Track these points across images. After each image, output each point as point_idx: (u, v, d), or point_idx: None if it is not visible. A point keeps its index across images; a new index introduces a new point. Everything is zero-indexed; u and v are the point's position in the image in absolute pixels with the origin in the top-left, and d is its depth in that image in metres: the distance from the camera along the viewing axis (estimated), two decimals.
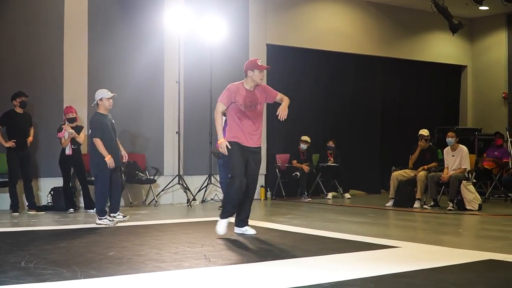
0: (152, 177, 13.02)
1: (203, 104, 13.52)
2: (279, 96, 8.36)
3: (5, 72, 12.04)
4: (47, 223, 9.82)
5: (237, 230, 8.12)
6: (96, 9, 12.94)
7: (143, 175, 12.86)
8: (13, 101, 11.34)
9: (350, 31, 16.60)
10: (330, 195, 14.94)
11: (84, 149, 12.08)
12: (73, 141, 11.45)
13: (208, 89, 13.37)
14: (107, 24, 13.06)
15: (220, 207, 12.02)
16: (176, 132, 13.33)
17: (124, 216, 9.66)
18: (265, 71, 8.27)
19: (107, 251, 6.70)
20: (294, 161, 14.77)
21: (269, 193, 14.70)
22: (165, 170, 13.49)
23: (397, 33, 17.41)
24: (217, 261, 6.04)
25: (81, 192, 12.01)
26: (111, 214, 9.53)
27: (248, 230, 8.10)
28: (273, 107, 15.00)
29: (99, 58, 12.84)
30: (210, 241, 7.49)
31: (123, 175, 11.89)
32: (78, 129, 11.60)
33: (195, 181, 13.65)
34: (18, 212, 11.13)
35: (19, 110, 11.40)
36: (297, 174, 14.50)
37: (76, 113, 11.70)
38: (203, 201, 13.44)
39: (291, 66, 15.70)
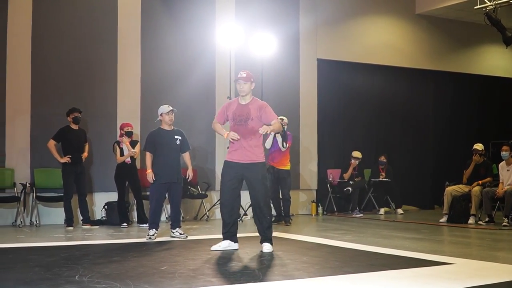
0: (203, 192, 13.08)
1: None
2: (275, 121, 8.10)
3: (60, 89, 12.25)
4: (100, 237, 9.92)
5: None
6: (149, 25, 13.12)
7: (194, 190, 12.93)
8: (68, 117, 11.55)
9: (401, 44, 16.51)
10: (382, 210, 14.83)
11: (139, 164, 12.22)
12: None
13: None
14: (159, 41, 13.22)
15: (273, 222, 12.05)
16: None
17: (181, 234, 9.54)
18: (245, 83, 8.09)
19: (159, 265, 6.74)
20: (345, 174, 14.70)
21: (320, 209, 14.64)
22: (216, 185, 13.53)
23: (449, 46, 17.25)
24: (269, 277, 6.03)
25: (135, 206, 12.14)
26: (171, 230, 9.59)
27: (265, 249, 7.90)
28: (322, 123, 15.03)
29: (151, 74, 12.99)
30: (261, 256, 7.48)
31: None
32: (134, 143, 11.78)
33: (246, 196, 13.59)
34: (72, 226, 11.28)
35: (74, 126, 11.59)
36: (348, 189, 14.42)
37: (132, 128, 11.86)
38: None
39: (342, 80, 15.66)
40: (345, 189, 14.51)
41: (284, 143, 11.91)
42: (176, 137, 9.59)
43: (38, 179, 11.90)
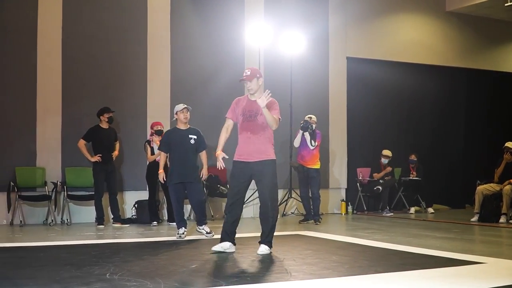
0: None
1: (283, 118, 13.28)
2: (275, 115, 7.80)
3: (90, 89, 12.34)
4: (131, 236, 9.98)
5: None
6: (178, 25, 13.17)
7: (224, 188, 12.94)
8: (100, 117, 11.63)
9: (432, 42, 16.41)
10: (412, 209, 14.75)
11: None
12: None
13: (288, 103, 13.40)
14: (189, 40, 13.27)
15: (301, 221, 12.06)
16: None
17: (208, 233, 9.45)
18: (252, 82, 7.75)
19: (189, 263, 6.76)
20: (376, 175, 14.63)
21: (350, 207, 14.59)
22: None
23: (480, 43, 17.11)
24: (298, 275, 6.02)
25: (165, 205, 12.19)
26: (197, 226, 9.55)
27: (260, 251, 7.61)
28: (352, 121, 14.97)
29: (181, 73, 13.04)
30: (291, 255, 7.48)
31: (204, 189, 12.01)
32: None
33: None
34: (103, 224, 11.36)
35: (104, 125, 11.67)
36: (378, 188, 14.36)
37: (163, 127, 11.90)
38: (283, 215, 13.44)
39: (371, 79, 15.58)
40: (375, 188, 14.45)
41: (313, 141, 11.88)
42: (190, 136, 9.44)
43: (69, 178, 12.00)
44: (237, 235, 7.63)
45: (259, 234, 7.75)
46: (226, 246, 7.59)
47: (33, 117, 11.93)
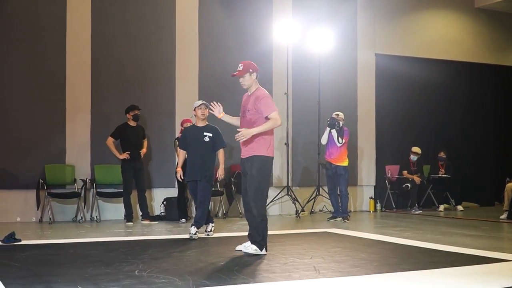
0: None
1: (311, 115, 13.53)
2: (272, 114, 7.54)
3: (119, 87, 12.40)
4: (160, 233, 10.02)
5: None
6: (206, 23, 13.19)
7: None
8: (127, 115, 11.69)
9: (460, 38, 16.28)
10: (441, 207, 14.66)
11: None
12: None
13: (316, 101, 13.37)
14: (217, 38, 13.28)
15: (329, 218, 12.04)
16: (285, 144, 13.36)
17: (191, 236, 8.86)
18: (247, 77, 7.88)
19: (217, 260, 6.78)
20: (405, 172, 14.55)
21: (378, 205, 14.53)
22: (273, 181, 13.55)
23: (509, 39, 16.97)
24: (326, 273, 6.01)
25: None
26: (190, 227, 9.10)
27: (244, 248, 7.39)
28: (380, 118, 14.90)
29: (209, 71, 13.05)
30: (319, 252, 7.47)
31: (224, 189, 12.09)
32: None
33: (303, 192, 13.66)
34: (132, 221, 11.42)
35: (132, 123, 11.73)
36: (407, 186, 14.29)
37: None
38: (311, 212, 13.42)
39: (400, 75, 15.46)
40: (404, 185, 14.39)
41: (340, 139, 11.85)
42: (205, 133, 9.18)
43: (98, 175, 12.08)
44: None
45: (287, 232, 7.78)
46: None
47: (63, 115, 12.02)
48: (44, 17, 12.02)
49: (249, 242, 7.35)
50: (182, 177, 9.30)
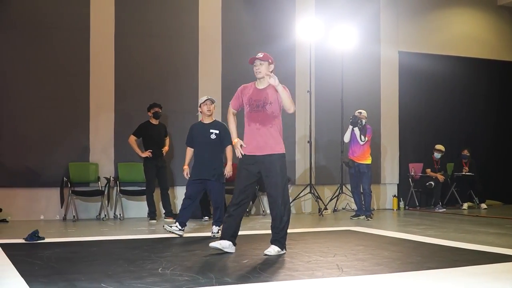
0: None
1: (334, 113, 13.50)
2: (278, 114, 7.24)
3: (142, 85, 12.45)
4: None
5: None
6: (230, 21, 13.21)
7: None
8: (148, 113, 11.73)
9: (483, 36, 16.15)
10: (465, 205, 14.58)
11: None
12: None
13: (339, 98, 13.34)
14: (240, 36, 13.29)
15: (352, 216, 12.00)
16: (308, 142, 13.34)
17: (214, 234, 8.78)
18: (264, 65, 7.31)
19: (240, 258, 6.78)
20: (428, 170, 14.49)
21: (402, 203, 14.47)
22: (296, 180, 13.54)
23: None
24: (350, 271, 5.99)
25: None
26: (212, 225, 8.99)
27: (267, 250, 7.14)
28: (404, 116, 14.82)
29: (232, 69, 13.05)
30: (342, 250, 7.45)
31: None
32: None
33: (326, 190, 13.64)
34: (155, 219, 11.45)
35: (154, 121, 11.76)
36: (431, 184, 14.22)
37: None
38: (334, 210, 13.39)
39: (423, 73, 15.39)
40: (427, 184, 14.32)
41: (362, 137, 11.81)
42: (211, 130, 8.91)
43: (122, 173, 12.13)
44: (289, 230, 7.53)
45: (309, 230, 7.75)
46: (225, 244, 7.12)
47: (86, 113, 12.09)
48: (68, 17, 12.10)
49: (272, 246, 7.15)
50: (189, 175, 9.01)
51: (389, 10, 14.87)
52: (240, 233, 8.93)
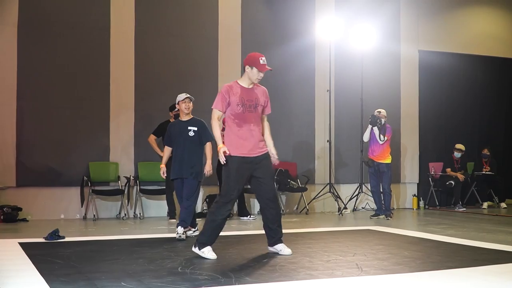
0: (303, 186, 13.08)
1: (354, 112, 13.48)
2: (265, 118, 7.23)
3: (162, 84, 12.48)
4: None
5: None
6: (249, 20, 13.22)
7: (294, 183, 12.93)
8: (170, 113, 11.74)
9: (505, 35, 16.06)
10: (485, 204, 14.51)
11: None
12: None
13: (359, 98, 13.31)
14: (259, 35, 13.30)
15: (372, 216, 11.96)
16: (327, 141, 13.33)
17: (179, 236, 8.46)
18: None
19: (260, 258, 6.79)
20: (448, 169, 14.42)
21: (422, 202, 14.41)
22: (316, 179, 13.53)
23: None
24: (369, 271, 5.98)
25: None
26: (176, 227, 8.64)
27: (283, 250, 7.07)
28: (424, 115, 14.75)
29: None
30: (362, 250, 7.43)
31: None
32: None
33: (346, 190, 13.62)
34: (175, 218, 11.46)
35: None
36: (451, 183, 14.15)
37: None
38: (354, 209, 13.38)
39: (444, 72, 15.31)
40: (447, 183, 14.26)
41: (381, 136, 11.78)
42: (190, 127, 8.70)
43: (142, 172, 12.17)
44: (309, 229, 7.53)
45: (329, 229, 7.73)
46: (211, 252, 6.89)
47: (107, 112, 12.14)
48: (88, 16, 12.15)
49: (282, 245, 7.11)
50: (165, 174, 8.87)
51: (409, 8, 14.82)
52: (259, 232, 8.97)
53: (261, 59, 7.10)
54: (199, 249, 6.84)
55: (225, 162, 6.78)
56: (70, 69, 11.99)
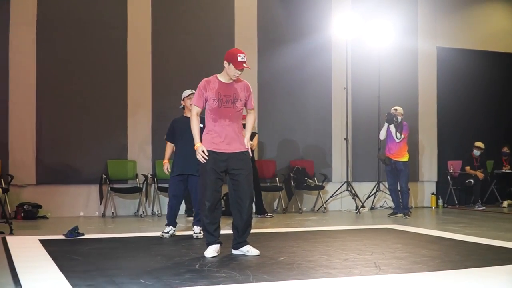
0: (320, 184, 13.07)
1: (371, 110, 13.43)
2: (251, 112, 7.16)
3: (179, 83, 12.45)
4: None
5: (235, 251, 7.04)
6: (265, 19, 13.21)
7: (311, 181, 12.92)
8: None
9: None
10: (505, 203, 14.42)
11: (257, 155, 12.33)
12: None
13: (376, 95, 13.27)
14: (275, 32, 13.30)
15: (390, 214, 11.93)
16: (344, 139, 13.31)
17: (196, 234, 8.52)
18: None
19: (278, 256, 6.78)
20: (468, 168, 14.34)
21: (440, 201, 14.35)
22: (333, 177, 13.51)
23: None
24: (387, 269, 5.96)
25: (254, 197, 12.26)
26: (193, 224, 8.72)
27: (249, 251, 6.92)
28: (442, 113, 14.68)
29: (268, 66, 13.06)
30: (380, 248, 7.41)
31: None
32: (252, 136, 11.84)
33: (363, 188, 13.58)
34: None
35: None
36: (470, 182, 14.08)
37: None
38: (372, 208, 13.34)
39: (462, 69, 15.20)
40: (466, 181, 14.18)
41: (398, 134, 11.73)
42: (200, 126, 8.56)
43: (159, 170, 12.18)
44: (326, 228, 7.52)
45: (347, 228, 7.71)
46: (218, 248, 6.93)
47: (124, 111, 12.19)
48: (105, 15, 12.20)
49: (249, 246, 6.99)
50: (169, 170, 8.85)
51: (426, 4, 14.75)
52: (277, 230, 8.97)
53: (240, 56, 7.08)
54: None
55: (204, 161, 6.70)
56: (88, 68, 12.04)
